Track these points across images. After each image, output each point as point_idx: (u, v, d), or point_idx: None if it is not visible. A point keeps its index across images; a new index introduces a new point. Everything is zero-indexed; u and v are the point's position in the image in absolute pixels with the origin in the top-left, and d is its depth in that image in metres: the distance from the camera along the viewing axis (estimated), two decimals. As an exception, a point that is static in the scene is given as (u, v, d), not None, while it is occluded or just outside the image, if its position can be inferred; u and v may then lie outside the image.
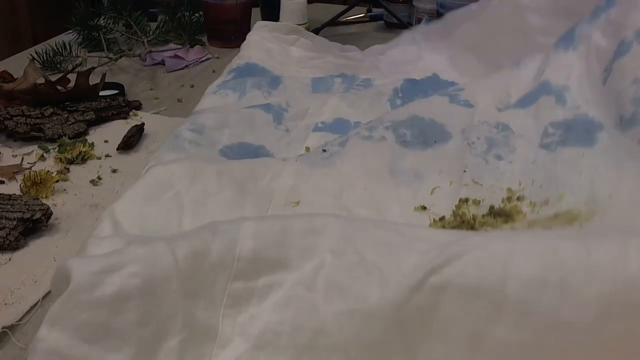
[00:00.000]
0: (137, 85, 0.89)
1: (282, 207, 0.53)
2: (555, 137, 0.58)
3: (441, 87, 0.77)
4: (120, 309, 0.37)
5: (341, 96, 0.73)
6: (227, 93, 0.74)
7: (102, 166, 0.66)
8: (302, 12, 0.98)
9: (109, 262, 0.38)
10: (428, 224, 0.54)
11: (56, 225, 0.56)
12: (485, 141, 0.61)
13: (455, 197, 0.56)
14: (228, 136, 0.63)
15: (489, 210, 0.54)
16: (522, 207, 0.54)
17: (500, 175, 0.57)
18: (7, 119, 0.70)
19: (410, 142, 0.61)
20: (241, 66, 0.81)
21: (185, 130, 0.62)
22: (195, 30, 1.07)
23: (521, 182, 0.56)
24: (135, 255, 0.39)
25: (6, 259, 0.52)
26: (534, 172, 0.57)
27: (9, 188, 0.62)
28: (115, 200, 0.50)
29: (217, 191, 0.53)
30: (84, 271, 0.37)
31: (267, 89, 0.76)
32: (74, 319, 0.36)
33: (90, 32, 1.02)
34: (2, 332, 0.44)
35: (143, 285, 0.38)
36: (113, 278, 0.37)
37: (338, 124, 0.69)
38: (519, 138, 0.61)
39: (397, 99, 0.74)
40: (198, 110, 0.69)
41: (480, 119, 0.63)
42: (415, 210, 0.55)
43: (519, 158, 0.59)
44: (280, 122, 0.68)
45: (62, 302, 0.37)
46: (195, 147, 0.59)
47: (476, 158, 0.59)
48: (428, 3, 1.09)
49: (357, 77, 0.81)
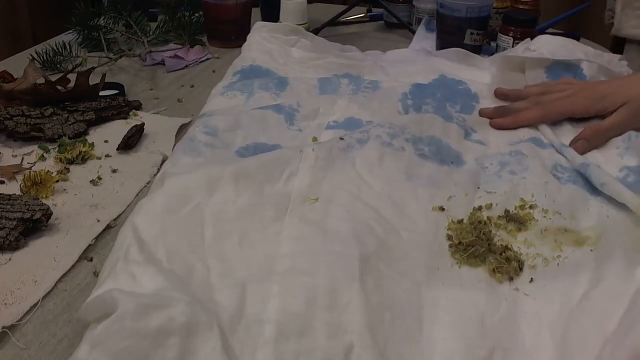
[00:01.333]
0: (137, 85, 0.89)
1: (301, 204, 0.54)
2: (565, 175, 0.61)
3: (450, 88, 0.78)
4: (161, 344, 0.38)
5: (350, 97, 0.74)
6: (234, 94, 0.75)
7: (102, 166, 0.66)
8: (302, 12, 0.98)
9: (157, 297, 0.40)
10: (446, 224, 0.55)
11: (56, 225, 0.56)
12: (499, 164, 0.62)
13: (470, 206, 0.57)
14: (242, 137, 0.64)
15: (504, 213, 0.56)
16: (534, 214, 0.56)
17: (513, 186, 0.59)
18: (7, 119, 0.70)
19: (429, 157, 0.62)
20: (245, 68, 0.81)
21: (200, 133, 0.62)
22: (195, 30, 1.07)
23: (534, 194, 0.57)
24: (182, 299, 0.40)
25: (6, 259, 0.52)
26: (546, 188, 0.58)
27: (9, 188, 0.62)
28: (136, 214, 0.50)
29: (236, 197, 0.54)
30: (132, 301, 0.38)
31: (275, 90, 0.76)
32: (116, 345, 0.37)
33: (90, 32, 1.02)
34: (2, 332, 0.44)
35: (187, 326, 0.39)
36: (160, 312, 0.39)
37: (350, 122, 0.69)
38: (532, 159, 0.62)
39: (408, 99, 0.75)
40: (208, 112, 0.69)
41: (493, 151, 0.66)
42: (433, 210, 0.56)
43: (531, 175, 0.60)
44: (293, 123, 0.68)
45: (107, 326, 0.38)
46: (211, 150, 0.60)
47: (490, 176, 0.61)
48: (428, 3, 1.09)
49: (362, 78, 0.81)
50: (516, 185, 0.59)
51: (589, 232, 0.53)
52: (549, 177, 0.60)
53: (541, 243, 0.52)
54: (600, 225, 0.53)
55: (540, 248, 0.52)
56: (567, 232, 0.53)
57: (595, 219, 0.54)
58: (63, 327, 0.45)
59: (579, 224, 0.54)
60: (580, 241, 0.52)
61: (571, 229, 0.53)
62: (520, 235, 0.53)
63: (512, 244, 0.52)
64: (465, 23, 0.93)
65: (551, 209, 0.56)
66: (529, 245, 0.52)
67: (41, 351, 0.44)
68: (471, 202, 0.57)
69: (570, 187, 0.59)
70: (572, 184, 0.59)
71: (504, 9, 1.02)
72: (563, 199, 0.57)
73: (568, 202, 0.56)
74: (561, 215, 0.55)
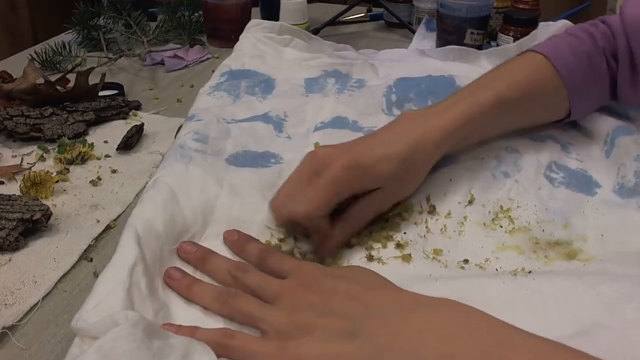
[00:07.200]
0: (137, 85, 0.89)
1: None
2: (559, 176, 0.60)
3: (435, 83, 0.77)
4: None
5: (336, 99, 0.74)
6: (221, 95, 0.75)
7: (102, 166, 0.66)
8: (302, 12, 0.98)
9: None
10: None
11: (56, 225, 0.56)
12: (496, 158, 0.61)
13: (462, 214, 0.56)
14: (232, 145, 0.64)
15: (495, 216, 0.55)
16: (525, 221, 0.55)
17: (506, 191, 0.58)
18: (7, 119, 0.70)
19: None
20: (234, 71, 0.81)
21: (190, 140, 0.62)
22: (195, 30, 1.07)
23: (528, 203, 0.57)
24: None
25: (6, 260, 0.51)
26: (539, 194, 0.58)
27: (9, 188, 0.62)
28: (135, 216, 0.50)
29: (248, 194, 0.55)
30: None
31: (261, 94, 0.76)
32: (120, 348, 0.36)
33: (89, 32, 1.02)
34: (2, 332, 0.44)
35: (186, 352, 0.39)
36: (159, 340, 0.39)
37: (337, 121, 0.70)
38: (527, 160, 0.61)
39: (392, 94, 0.74)
40: (196, 115, 0.68)
41: (489, 145, 0.64)
42: None
43: (525, 178, 0.59)
44: (282, 131, 0.68)
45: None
46: (202, 156, 0.60)
47: (484, 172, 0.60)
48: (428, 3, 1.09)
49: (350, 77, 0.81)
50: (509, 190, 0.58)
51: (581, 243, 0.52)
52: (543, 180, 0.59)
53: (530, 258, 0.51)
54: (592, 235, 0.53)
55: (528, 262, 0.50)
56: (558, 245, 0.52)
57: (590, 227, 0.54)
58: (63, 327, 0.45)
59: (570, 234, 0.53)
60: (572, 254, 0.51)
61: (562, 241, 0.52)
62: (519, 235, 0.53)
63: None
64: (465, 23, 0.93)
65: (545, 219, 0.55)
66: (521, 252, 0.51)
67: (41, 351, 0.43)
68: (462, 210, 0.56)
69: (564, 191, 0.58)
70: (566, 187, 0.58)
71: (504, 9, 1.03)
72: (557, 205, 0.56)
73: (562, 208, 0.56)
74: (554, 222, 0.54)
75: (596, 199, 0.57)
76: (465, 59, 0.88)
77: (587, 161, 0.63)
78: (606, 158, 0.63)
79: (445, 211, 0.55)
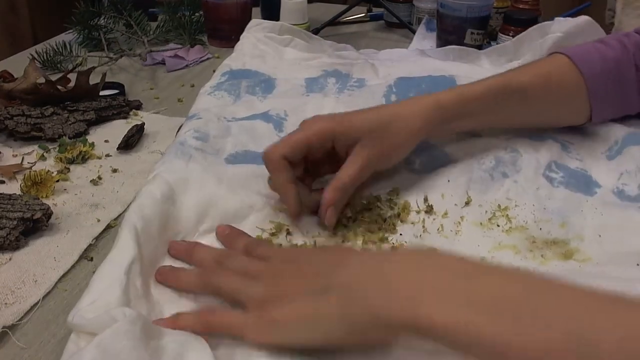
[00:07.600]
0: (138, 85, 0.89)
1: None
2: (559, 176, 0.60)
3: (435, 83, 0.77)
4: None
5: (336, 98, 0.74)
6: (222, 95, 0.75)
7: (103, 166, 0.66)
8: (302, 12, 0.98)
9: None
10: None
11: (56, 224, 0.56)
12: (494, 158, 0.61)
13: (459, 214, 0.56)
14: (232, 145, 0.64)
15: (493, 215, 0.55)
16: (522, 220, 0.55)
17: (505, 191, 0.58)
18: (8, 118, 0.70)
19: (419, 170, 0.62)
20: (234, 70, 0.81)
21: (190, 138, 0.62)
22: (196, 29, 1.07)
23: (526, 202, 0.57)
24: None
25: (6, 259, 0.52)
26: (537, 194, 0.58)
27: (9, 188, 0.62)
28: (134, 212, 0.50)
29: (246, 193, 0.56)
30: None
31: (262, 93, 0.76)
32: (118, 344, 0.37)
33: (90, 32, 1.02)
34: (2, 331, 0.44)
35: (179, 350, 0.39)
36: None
37: None
38: (526, 159, 0.61)
39: (392, 94, 0.74)
40: (197, 114, 0.68)
41: (489, 145, 0.64)
42: None
43: (523, 179, 0.59)
44: (282, 130, 0.68)
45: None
46: (201, 154, 0.60)
47: (483, 173, 0.60)
48: (428, 3, 1.09)
49: (350, 77, 0.81)
50: (507, 190, 0.58)
51: (578, 243, 0.52)
52: (542, 180, 0.59)
53: (526, 257, 0.51)
54: (588, 235, 0.53)
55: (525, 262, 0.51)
56: (555, 244, 0.52)
57: (588, 226, 0.54)
58: (63, 327, 0.45)
59: (567, 233, 0.53)
60: (568, 254, 0.51)
61: (559, 240, 0.52)
62: (517, 236, 0.53)
63: None
64: (465, 23, 0.93)
65: (543, 218, 0.55)
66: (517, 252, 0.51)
67: (41, 351, 0.43)
68: (459, 211, 0.56)
69: (563, 191, 0.58)
70: (565, 187, 0.58)
71: (504, 9, 1.03)
72: (555, 204, 0.56)
73: (561, 208, 0.56)
74: (551, 222, 0.54)
75: (595, 198, 0.57)
76: (465, 59, 0.88)
77: (588, 160, 0.63)
78: (608, 160, 0.63)
79: (442, 211, 0.56)
